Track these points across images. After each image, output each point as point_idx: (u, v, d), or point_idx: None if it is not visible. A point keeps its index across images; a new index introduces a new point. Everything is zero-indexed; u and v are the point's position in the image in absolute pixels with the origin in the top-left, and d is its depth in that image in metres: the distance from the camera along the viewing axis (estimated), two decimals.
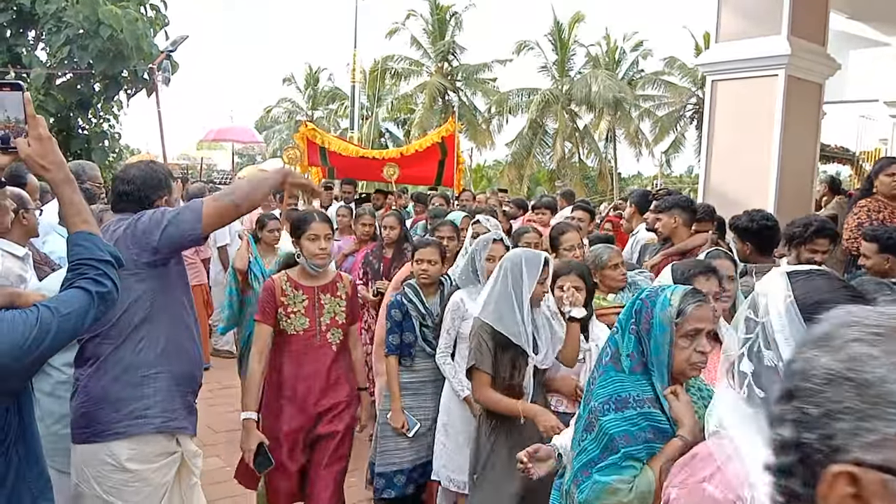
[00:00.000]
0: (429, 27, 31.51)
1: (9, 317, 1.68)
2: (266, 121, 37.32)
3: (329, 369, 3.16)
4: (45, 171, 1.81)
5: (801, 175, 6.00)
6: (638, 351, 1.90)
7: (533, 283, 2.82)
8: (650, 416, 1.84)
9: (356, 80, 17.85)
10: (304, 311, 3.13)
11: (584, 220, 5.81)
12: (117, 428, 2.31)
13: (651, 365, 1.88)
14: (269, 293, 3.13)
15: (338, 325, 3.20)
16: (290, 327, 3.12)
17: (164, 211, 2.40)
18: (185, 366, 2.48)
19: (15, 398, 1.89)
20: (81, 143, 13.31)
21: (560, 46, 31.08)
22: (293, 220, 3.21)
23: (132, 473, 2.32)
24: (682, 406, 1.84)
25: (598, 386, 1.93)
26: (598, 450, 1.86)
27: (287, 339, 3.14)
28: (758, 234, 3.82)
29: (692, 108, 30.51)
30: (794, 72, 5.69)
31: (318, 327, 3.15)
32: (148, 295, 2.36)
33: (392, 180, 8.41)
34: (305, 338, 3.13)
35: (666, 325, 1.86)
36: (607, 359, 1.96)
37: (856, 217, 4.36)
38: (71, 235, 1.88)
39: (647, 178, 39.05)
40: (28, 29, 12.95)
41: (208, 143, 18.67)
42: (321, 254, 3.11)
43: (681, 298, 1.89)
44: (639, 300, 1.95)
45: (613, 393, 1.88)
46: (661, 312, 1.88)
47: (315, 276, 3.18)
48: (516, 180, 30.31)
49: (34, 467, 1.94)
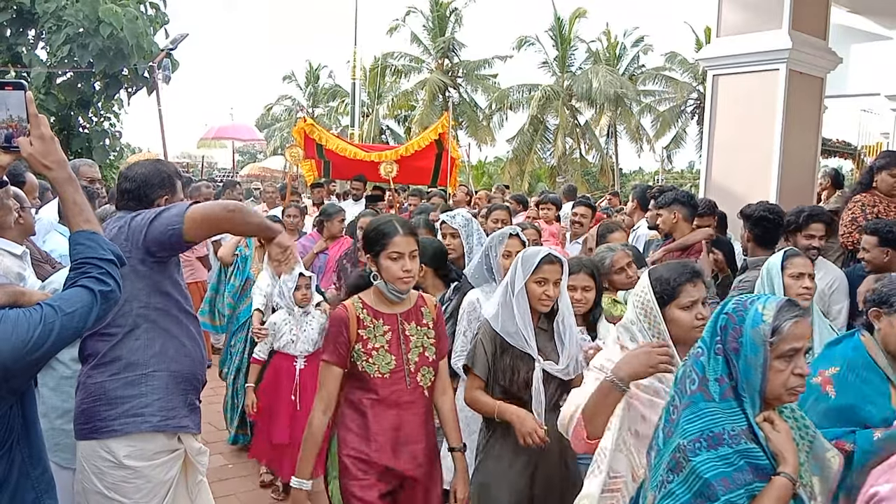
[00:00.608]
0: (429, 23, 31.50)
1: (13, 315, 1.68)
2: (266, 119, 37.34)
3: (424, 423, 2.53)
4: (48, 171, 1.81)
5: (802, 169, 5.99)
6: (727, 374, 1.66)
7: (522, 279, 2.64)
8: (748, 452, 1.61)
9: (356, 77, 17.82)
10: (387, 347, 2.49)
11: (585, 215, 5.82)
12: (114, 425, 2.31)
13: (742, 390, 1.65)
14: (341, 324, 2.47)
15: (428, 362, 2.54)
16: (373, 368, 2.46)
17: (156, 210, 2.38)
18: (184, 365, 2.46)
19: (18, 397, 1.89)
20: (82, 142, 13.34)
21: (561, 42, 31.03)
22: (366, 233, 2.58)
23: (131, 470, 2.33)
24: (783, 438, 1.62)
25: (685, 419, 1.67)
26: (688, 495, 1.62)
27: (368, 384, 2.47)
28: (757, 223, 3.82)
29: (693, 103, 30.48)
30: (795, 66, 5.69)
31: (406, 367, 2.50)
32: (143, 294, 2.35)
33: (391, 178, 8.43)
34: (392, 381, 2.47)
35: (759, 345, 1.62)
36: (694, 387, 1.70)
37: (850, 212, 4.37)
38: (73, 234, 1.88)
39: (648, 173, 39.04)
40: (28, 28, 12.97)
41: (209, 142, 18.69)
42: (406, 277, 2.46)
43: (776, 313, 1.64)
44: (723, 314, 1.71)
45: (705, 428, 1.64)
46: (752, 330, 1.63)
47: (396, 301, 2.55)
48: (517, 177, 30.29)
49: (37, 466, 1.95)
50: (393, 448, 2.45)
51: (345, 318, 2.47)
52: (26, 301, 1.79)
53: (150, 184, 2.53)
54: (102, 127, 13.97)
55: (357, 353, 2.46)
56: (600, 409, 2.07)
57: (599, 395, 2.07)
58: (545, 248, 2.89)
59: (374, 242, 2.49)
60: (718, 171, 6.10)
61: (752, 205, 3.95)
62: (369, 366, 2.45)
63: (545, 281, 2.66)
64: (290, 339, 4.11)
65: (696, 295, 2.14)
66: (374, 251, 2.49)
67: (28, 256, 3.06)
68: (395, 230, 2.46)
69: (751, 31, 5.83)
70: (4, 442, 1.83)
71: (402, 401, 2.47)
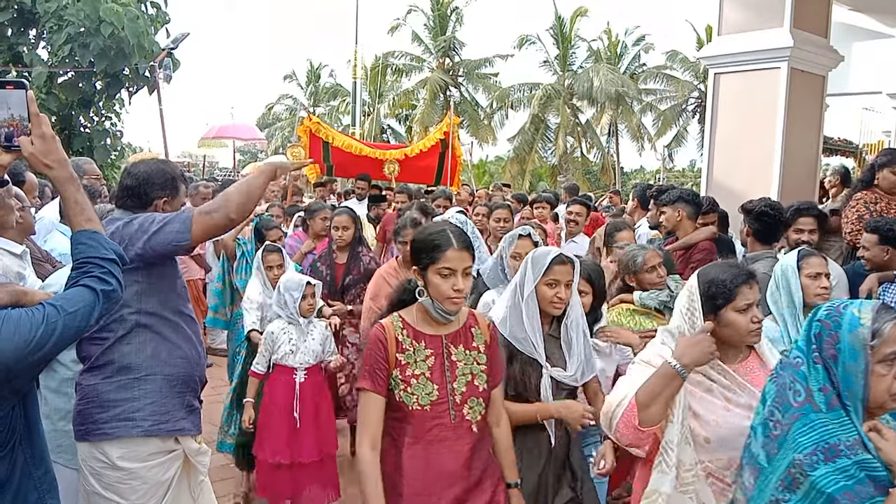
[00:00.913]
0: (430, 22, 31.49)
1: (15, 315, 1.68)
2: (267, 118, 37.35)
3: (469, 462, 2.17)
4: (49, 170, 1.81)
5: (804, 167, 5.99)
6: (829, 383, 1.60)
7: (532, 282, 2.52)
8: (866, 463, 1.53)
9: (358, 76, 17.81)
10: (429, 375, 2.15)
11: (581, 214, 5.82)
12: (105, 429, 2.31)
13: (844, 398, 1.59)
14: (379, 346, 2.16)
15: (477, 392, 2.20)
16: (411, 399, 2.13)
17: (154, 217, 2.34)
18: (179, 367, 2.44)
19: (21, 397, 1.89)
20: (83, 142, 13.35)
21: (562, 41, 31.01)
22: (415, 242, 2.27)
23: (126, 471, 2.32)
24: (893, 448, 1.54)
25: (798, 432, 1.60)
26: None
27: (406, 417, 2.15)
28: (758, 218, 3.83)
29: (694, 101, 30.46)
30: (796, 64, 5.68)
31: (450, 397, 2.16)
32: (134, 300, 2.34)
33: (393, 178, 8.41)
34: (434, 414, 2.14)
35: (858, 350, 1.57)
36: (801, 399, 1.63)
37: (854, 210, 4.37)
38: (75, 234, 1.88)
39: (649, 172, 39.02)
40: (29, 28, 12.98)
41: (210, 141, 18.68)
42: (456, 297, 2.13)
43: (874, 316, 1.58)
44: (815, 321, 1.65)
45: (819, 440, 1.56)
46: (849, 335, 1.58)
47: (443, 322, 2.22)
48: (518, 175, 30.29)
49: (40, 466, 1.95)
50: (430, 492, 2.12)
51: (383, 340, 2.16)
52: (28, 301, 1.79)
53: (151, 183, 2.50)
54: (104, 126, 13.99)
55: (395, 381, 2.14)
56: (659, 397, 1.99)
57: (660, 381, 1.99)
58: (555, 248, 2.73)
59: (424, 254, 2.17)
60: (720, 169, 6.10)
61: (754, 200, 3.96)
62: (407, 396, 2.12)
63: (556, 283, 2.53)
64: (289, 349, 3.67)
65: (751, 297, 2.07)
66: (422, 264, 2.17)
67: (28, 256, 3.06)
68: (449, 242, 2.13)
69: (752, 30, 5.83)
70: (7, 442, 1.83)
71: (445, 437, 2.13)
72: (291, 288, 3.69)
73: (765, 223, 3.82)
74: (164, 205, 2.53)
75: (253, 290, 4.14)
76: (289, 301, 3.69)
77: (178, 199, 2.61)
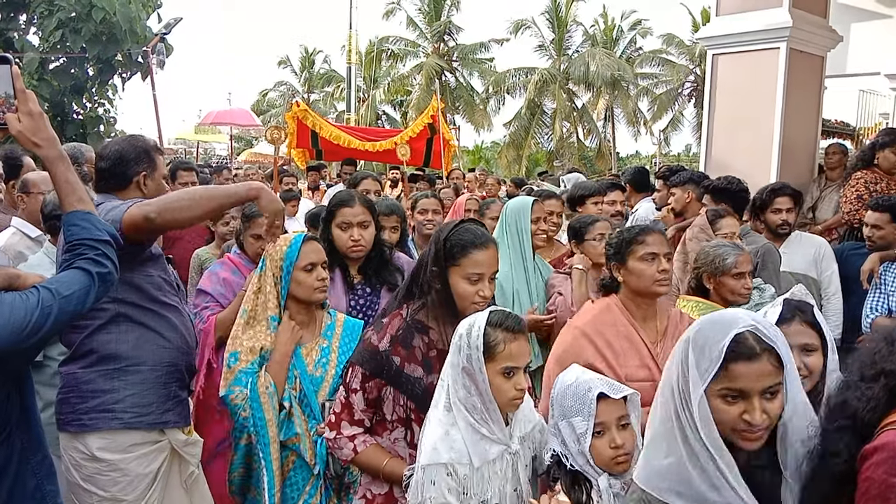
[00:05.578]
0: (424, 7, 31.25)
1: (9, 299, 1.65)
2: (262, 104, 37.09)
3: None
4: (37, 148, 1.76)
5: (803, 148, 5.96)
6: None
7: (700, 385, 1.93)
8: None
9: (352, 61, 17.69)
10: None
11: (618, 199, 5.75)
12: (84, 419, 2.24)
13: None
14: None
15: None
16: None
17: (110, 206, 2.19)
18: (164, 357, 2.35)
19: (16, 384, 1.87)
20: (77, 128, 13.26)
21: (557, 25, 30.84)
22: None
23: (105, 463, 2.25)
24: None
25: None
26: None
27: None
28: (717, 193, 3.89)
29: (690, 85, 30.36)
30: (795, 44, 5.63)
31: None
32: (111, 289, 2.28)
33: (405, 161, 8.33)
34: None
35: None
36: None
37: (854, 189, 4.37)
38: (67, 215, 1.83)
39: (645, 157, 38.95)
40: (19, 13, 12.85)
41: (206, 127, 18.55)
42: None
43: None
44: None
45: None
46: None
47: None
48: (514, 161, 30.21)
49: (37, 453, 1.93)
50: None
51: None
52: (21, 284, 1.76)
53: (125, 160, 2.39)
54: (97, 113, 13.89)
55: None
56: None
57: None
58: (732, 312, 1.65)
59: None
60: (719, 150, 6.06)
61: (719, 178, 4.07)
62: None
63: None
64: None
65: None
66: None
67: (45, 241, 2.99)
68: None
69: (750, 10, 5.76)
70: (3, 429, 1.81)
71: None
72: None
73: (728, 198, 3.85)
74: (145, 179, 2.42)
75: None
76: None
77: (158, 170, 2.48)
